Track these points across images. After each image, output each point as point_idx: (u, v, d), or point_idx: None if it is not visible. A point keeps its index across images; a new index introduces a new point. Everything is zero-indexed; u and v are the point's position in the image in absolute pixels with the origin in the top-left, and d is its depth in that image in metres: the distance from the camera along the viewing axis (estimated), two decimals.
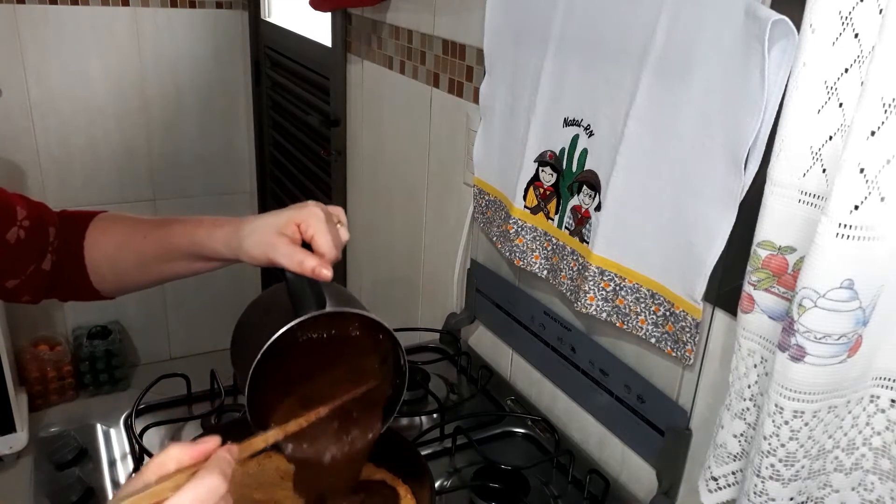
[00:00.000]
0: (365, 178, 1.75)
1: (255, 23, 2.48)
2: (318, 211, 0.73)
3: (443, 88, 1.31)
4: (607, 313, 0.92)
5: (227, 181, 2.76)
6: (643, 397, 0.92)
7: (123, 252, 0.85)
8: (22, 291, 0.84)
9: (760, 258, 0.67)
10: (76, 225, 0.86)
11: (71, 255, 0.85)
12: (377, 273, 1.75)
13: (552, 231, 1.01)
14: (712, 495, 0.77)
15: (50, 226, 0.85)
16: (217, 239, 0.77)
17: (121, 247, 0.85)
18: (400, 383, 0.80)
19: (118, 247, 0.85)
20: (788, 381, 0.62)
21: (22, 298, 0.85)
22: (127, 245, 0.85)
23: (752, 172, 0.72)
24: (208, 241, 0.78)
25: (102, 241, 0.86)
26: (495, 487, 0.92)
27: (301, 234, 0.72)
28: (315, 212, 0.72)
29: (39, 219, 0.84)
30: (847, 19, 0.56)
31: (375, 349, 0.78)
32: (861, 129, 0.54)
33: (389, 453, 0.88)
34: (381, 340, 0.78)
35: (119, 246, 0.85)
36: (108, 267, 0.86)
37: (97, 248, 0.85)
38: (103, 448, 0.99)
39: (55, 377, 2.52)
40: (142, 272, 0.85)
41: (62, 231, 0.85)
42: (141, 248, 0.84)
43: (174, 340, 2.83)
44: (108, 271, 0.86)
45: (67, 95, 2.40)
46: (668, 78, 0.79)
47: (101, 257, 0.85)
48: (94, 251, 0.85)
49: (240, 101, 2.67)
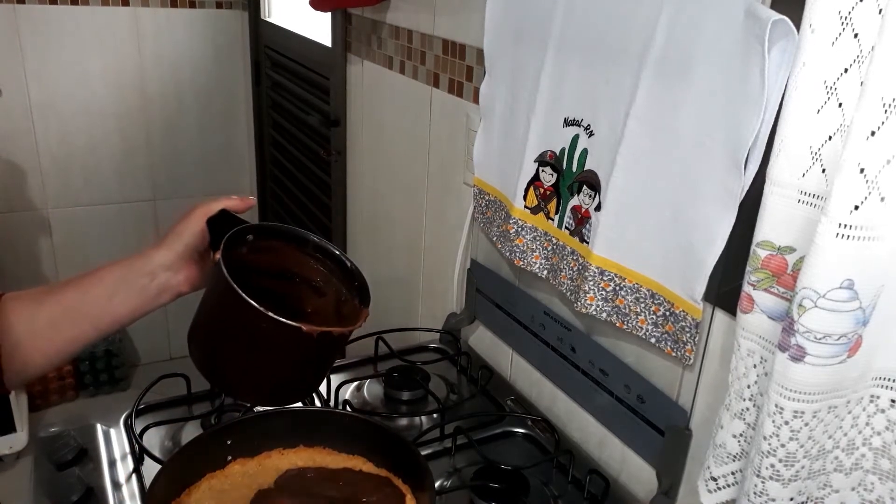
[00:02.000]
0: (365, 178, 1.75)
1: (255, 23, 2.48)
2: None
3: (443, 88, 1.31)
4: (607, 313, 0.92)
5: (227, 181, 2.76)
6: (643, 397, 0.92)
7: (43, 305, 0.77)
8: None
9: (760, 258, 0.67)
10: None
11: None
12: (377, 273, 1.75)
13: (552, 231, 1.01)
14: (712, 495, 0.77)
15: None
16: (149, 249, 0.79)
17: (39, 301, 0.77)
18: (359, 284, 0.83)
19: (36, 301, 0.77)
20: (788, 382, 0.62)
21: None
22: (47, 297, 0.77)
23: (752, 172, 0.72)
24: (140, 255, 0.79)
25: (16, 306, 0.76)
26: (495, 487, 0.92)
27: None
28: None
29: None
30: (847, 19, 0.56)
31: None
32: (861, 129, 0.54)
33: (389, 453, 0.88)
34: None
35: (37, 301, 0.77)
36: (23, 330, 0.75)
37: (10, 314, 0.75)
38: (103, 448, 0.99)
39: (55, 377, 2.53)
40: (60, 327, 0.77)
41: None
42: (62, 295, 0.77)
43: (174, 340, 2.83)
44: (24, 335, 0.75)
45: (67, 95, 2.40)
46: (668, 78, 0.79)
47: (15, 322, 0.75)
48: (5, 320, 0.74)
49: (240, 101, 2.67)
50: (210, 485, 0.86)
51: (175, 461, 0.85)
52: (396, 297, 1.62)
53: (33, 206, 2.45)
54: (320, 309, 0.83)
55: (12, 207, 2.43)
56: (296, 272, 0.84)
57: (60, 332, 0.77)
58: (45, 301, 0.77)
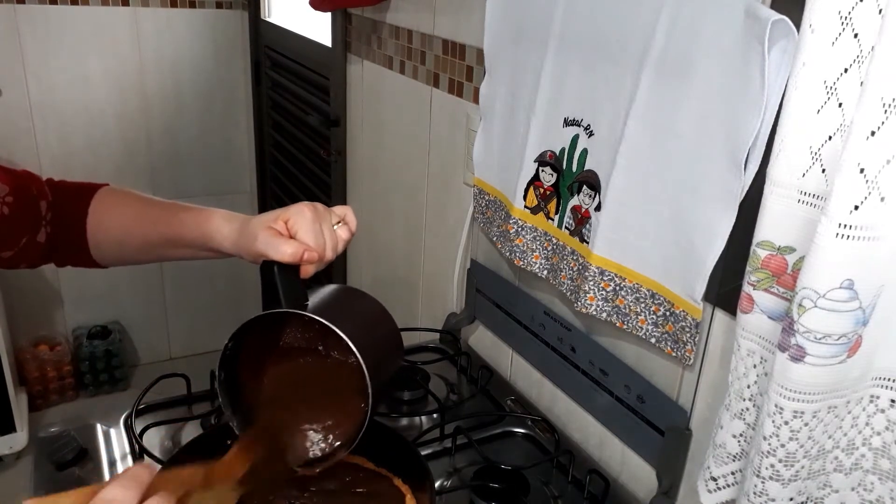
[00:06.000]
0: (365, 178, 1.75)
1: (255, 23, 2.48)
2: (306, 209, 0.74)
3: (443, 88, 1.31)
4: (607, 313, 0.92)
5: (227, 181, 2.76)
6: (643, 397, 0.92)
7: (130, 235, 0.86)
8: (18, 261, 0.85)
9: (760, 258, 0.67)
10: (76, 199, 0.86)
11: (71, 230, 0.86)
12: (377, 273, 1.75)
13: (552, 231, 1.01)
14: (712, 495, 0.77)
15: (41, 199, 0.85)
16: (225, 236, 0.79)
17: (127, 229, 0.86)
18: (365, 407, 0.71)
19: (124, 228, 0.86)
20: (788, 382, 0.62)
21: (20, 266, 0.87)
22: (134, 228, 0.86)
23: (752, 172, 0.72)
24: (217, 236, 0.80)
25: (107, 221, 0.86)
26: (495, 487, 0.92)
27: (287, 230, 0.73)
28: (301, 209, 0.74)
29: (25, 192, 0.84)
30: (847, 19, 0.56)
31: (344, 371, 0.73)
32: (861, 129, 0.53)
33: (389, 453, 0.88)
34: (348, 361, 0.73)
35: (125, 228, 0.86)
36: (112, 245, 0.87)
37: (101, 227, 0.86)
38: (103, 448, 0.99)
39: (55, 377, 2.52)
40: (145, 253, 0.88)
41: (59, 204, 0.86)
42: (148, 234, 0.85)
43: (174, 340, 2.83)
44: (111, 249, 0.87)
45: (67, 95, 2.40)
46: (668, 78, 0.79)
47: (105, 237, 0.86)
48: (97, 230, 0.86)
49: (240, 101, 2.67)
50: None
51: (175, 461, 0.85)
52: (396, 297, 1.62)
53: None
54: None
55: None
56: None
57: (145, 256, 0.87)
58: (133, 230, 0.86)
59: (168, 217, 0.84)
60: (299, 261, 0.70)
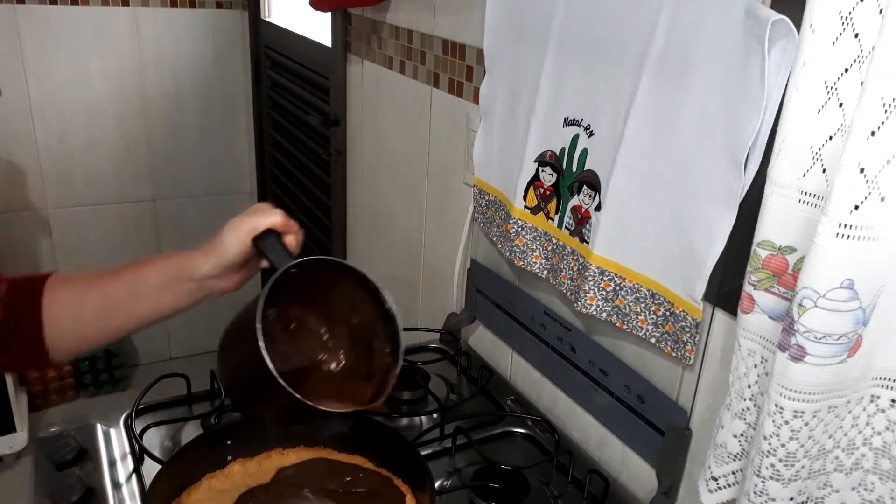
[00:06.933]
0: (365, 178, 1.75)
1: (255, 23, 2.48)
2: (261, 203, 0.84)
3: (443, 88, 1.31)
4: (607, 313, 0.92)
5: (227, 181, 2.76)
6: (643, 397, 0.92)
7: (89, 296, 0.82)
8: None
9: (760, 258, 0.67)
10: (30, 283, 0.82)
11: (25, 313, 0.80)
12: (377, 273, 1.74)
13: (552, 231, 1.01)
14: (712, 495, 0.77)
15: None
16: (195, 255, 0.81)
17: (85, 291, 0.82)
18: (393, 331, 0.85)
19: (82, 292, 0.82)
20: (788, 381, 0.62)
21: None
22: (92, 287, 0.82)
23: (752, 172, 0.72)
24: (186, 260, 0.81)
25: (63, 292, 0.81)
26: (495, 487, 0.92)
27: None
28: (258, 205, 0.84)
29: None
30: (847, 19, 0.56)
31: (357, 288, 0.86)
32: (861, 129, 0.54)
33: (389, 453, 0.89)
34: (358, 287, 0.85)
35: (83, 291, 0.82)
36: (70, 317, 0.81)
37: (57, 300, 0.80)
38: (103, 448, 0.99)
39: (55, 377, 2.53)
40: (106, 318, 0.82)
41: (13, 291, 0.81)
42: (109, 289, 0.82)
43: (174, 340, 2.83)
44: (70, 322, 0.81)
45: (67, 95, 2.40)
46: (668, 78, 0.79)
47: (62, 308, 0.80)
48: (53, 304, 0.80)
49: (240, 101, 2.67)
50: (210, 485, 0.86)
51: (175, 461, 0.85)
52: (396, 297, 1.62)
53: (33, 206, 2.45)
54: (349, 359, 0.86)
55: (12, 207, 2.42)
56: (334, 307, 0.86)
57: (106, 322, 0.83)
58: (90, 293, 0.82)
59: (127, 267, 0.83)
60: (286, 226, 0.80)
